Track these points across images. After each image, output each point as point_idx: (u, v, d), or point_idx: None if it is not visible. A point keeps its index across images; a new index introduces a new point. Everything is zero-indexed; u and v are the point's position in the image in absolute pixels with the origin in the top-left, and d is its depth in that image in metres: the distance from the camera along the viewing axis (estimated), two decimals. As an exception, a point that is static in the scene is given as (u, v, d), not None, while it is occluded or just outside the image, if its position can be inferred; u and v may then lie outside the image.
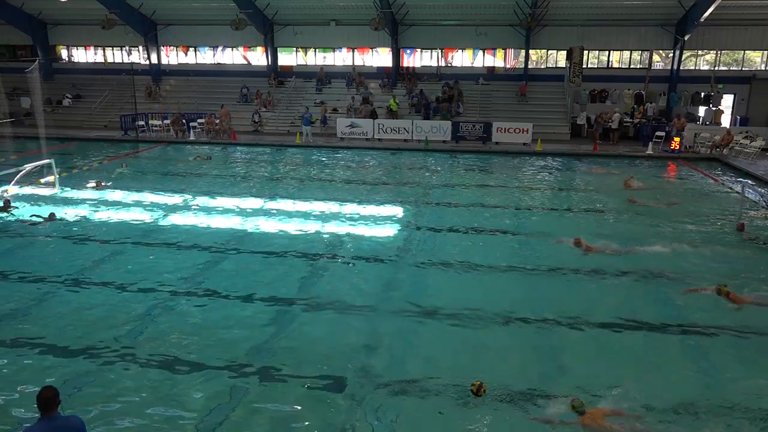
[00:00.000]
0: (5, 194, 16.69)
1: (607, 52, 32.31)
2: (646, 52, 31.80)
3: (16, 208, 15.56)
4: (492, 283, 11.01)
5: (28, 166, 17.62)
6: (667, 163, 23.89)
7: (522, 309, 9.69)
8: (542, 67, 33.45)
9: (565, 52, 30.08)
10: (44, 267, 11.44)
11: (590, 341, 8.78)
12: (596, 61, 32.38)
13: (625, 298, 10.33)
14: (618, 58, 32.73)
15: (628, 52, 32.25)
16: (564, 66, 30.99)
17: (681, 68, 30.68)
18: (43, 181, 18.32)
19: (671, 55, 31.20)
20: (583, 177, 21.37)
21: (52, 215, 14.58)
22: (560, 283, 11.02)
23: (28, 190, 17.57)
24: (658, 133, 25.93)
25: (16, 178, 17.49)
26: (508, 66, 33.33)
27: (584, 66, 29.40)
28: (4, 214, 15.02)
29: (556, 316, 9.37)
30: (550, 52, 33.01)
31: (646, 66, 31.78)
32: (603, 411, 6.61)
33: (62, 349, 8.29)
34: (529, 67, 32.49)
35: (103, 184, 18.31)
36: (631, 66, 32.20)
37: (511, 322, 9.28)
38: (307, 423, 6.79)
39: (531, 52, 32.53)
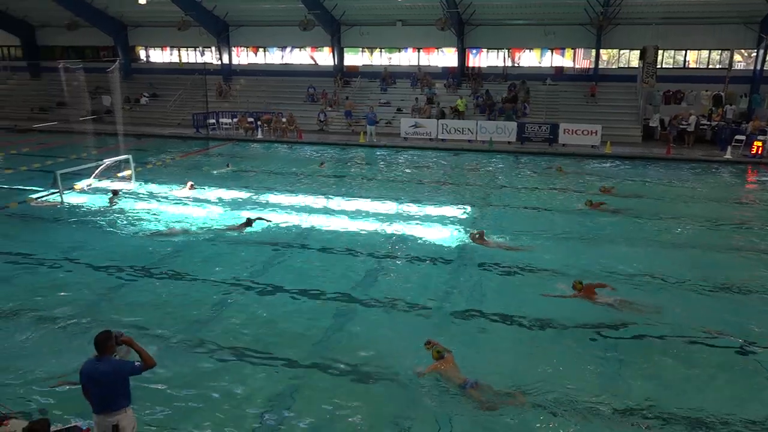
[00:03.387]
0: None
1: (683, 51, 30.95)
2: (726, 52, 30.23)
3: (119, 200, 16.65)
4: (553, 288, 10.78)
5: (108, 161, 18.63)
6: (747, 169, 22.70)
7: (586, 315, 9.45)
8: (613, 66, 32.40)
9: (638, 51, 29.00)
10: (122, 257, 12.06)
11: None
12: (671, 61, 31.06)
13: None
14: (695, 58, 31.28)
15: (706, 52, 30.75)
16: (636, 66, 29.88)
17: (765, 68, 28.99)
18: (120, 175, 19.28)
19: (754, 54, 29.56)
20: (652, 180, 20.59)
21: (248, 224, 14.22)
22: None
23: (107, 183, 18.53)
24: (737, 137, 24.63)
25: (96, 172, 18.50)
26: (577, 66, 32.47)
27: (658, 66, 28.26)
28: (110, 203, 16.26)
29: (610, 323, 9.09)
30: (622, 51, 31.93)
31: (726, 66, 30.22)
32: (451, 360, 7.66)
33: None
34: (600, 66, 31.55)
35: (194, 186, 18.14)
36: (710, 66, 30.68)
37: (569, 329, 9.08)
38: (363, 418, 6.88)
39: (602, 51, 31.56)
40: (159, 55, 39.34)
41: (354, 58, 35.63)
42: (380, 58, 35.28)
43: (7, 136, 29.82)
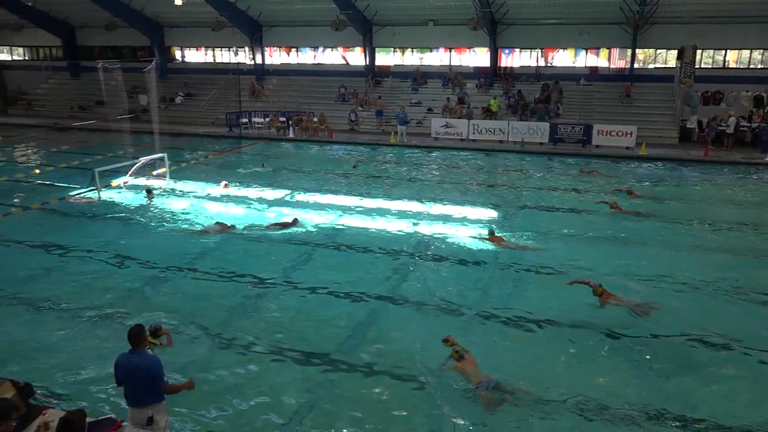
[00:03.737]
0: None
1: (723, 51, 30.17)
2: (768, 51, 29.39)
3: (155, 197, 17.03)
4: (583, 292, 10.61)
5: (144, 159, 19.02)
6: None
7: (608, 319, 9.31)
8: (650, 66, 31.77)
9: (675, 51, 28.39)
10: (156, 254, 12.31)
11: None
12: (710, 60, 30.30)
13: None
14: (735, 58, 30.47)
15: (747, 51, 29.94)
16: (674, 66, 29.26)
17: (809, 68, 28.08)
18: (155, 173, 19.66)
19: (798, 54, 28.65)
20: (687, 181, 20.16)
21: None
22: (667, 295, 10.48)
23: (143, 181, 18.93)
24: (779, 139, 23.90)
25: (132, 170, 18.90)
26: (612, 66, 31.93)
27: (697, 66, 27.61)
28: (147, 202, 16.66)
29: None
30: (659, 51, 31.28)
31: (768, 66, 29.36)
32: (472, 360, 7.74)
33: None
34: (636, 66, 30.97)
35: (228, 185, 18.31)
36: (751, 66, 29.87)
37: (596, 331, 8.98)
38: (389, 416, 6.90)
39: (638, 51, 30.96)
40: (194, 55, 40.00)
41: (385, 58, 35.67)
42: (412, 58, 35.25)
43: (48, 134, 30.73)
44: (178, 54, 40.27)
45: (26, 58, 43.39)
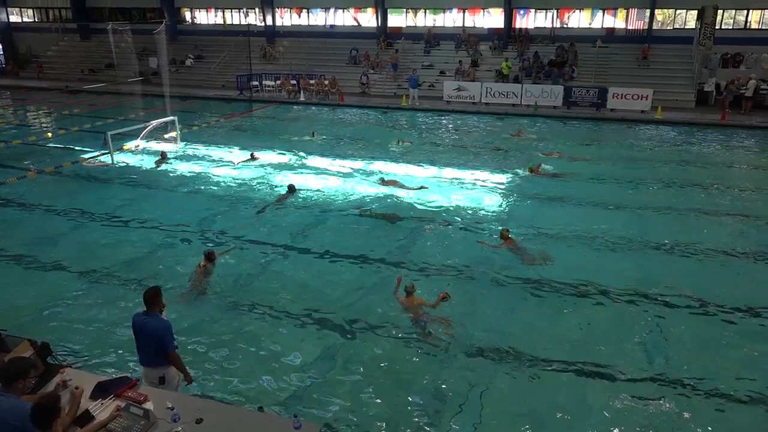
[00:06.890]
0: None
1: (745, 11, 29.27)
2: (792, 11, 28.46)
3: (167, 161, 17.10)
4: (592, 256, 10.64)
5: (155, 122, 19.02)
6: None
7: (623, 283, 9.36)
8: (668, 28, 30.95)
9: (695, 11, 27.56)
10: (169, 217, 12.43)
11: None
12: (731, 21, 29.44)
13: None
14: (758, 18, 29.57)
15: (770, 11, 29.04)
16: (693, 27, 28.48)
17: (834, 29, 27.22)
18: (166, 136, 19.69)
19: (823, 14, 27.74)
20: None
21: None
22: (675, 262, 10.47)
23: (154, 144, 18.96)
24: (799, 103, 23.38)
25: (143, 133, 18.93)
26: (629, 27, 31.14)
27: (717, 27, 26.85)
28: (161, 166, 16.69)
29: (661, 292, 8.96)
30: (678, 11, 30.42)
31: (792, 27, 28.49)
32: (421, 300, 8.44)
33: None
34: (654, 28, 30.17)
35: (256, 156, 17.64)
36: (774, 27, 29.02)
37: (603, 296, 9.03)
38: (397, 376, 7.03)
39: (657, 11, 30.13)
40: (204, 17, 39.52)
41: (397, 20, 35.01)
42: (424, 20, 34.59)
43: (59, 97, 30.71)
44: (188, 15, 39.80)
45: (36, 20, 43.09)
